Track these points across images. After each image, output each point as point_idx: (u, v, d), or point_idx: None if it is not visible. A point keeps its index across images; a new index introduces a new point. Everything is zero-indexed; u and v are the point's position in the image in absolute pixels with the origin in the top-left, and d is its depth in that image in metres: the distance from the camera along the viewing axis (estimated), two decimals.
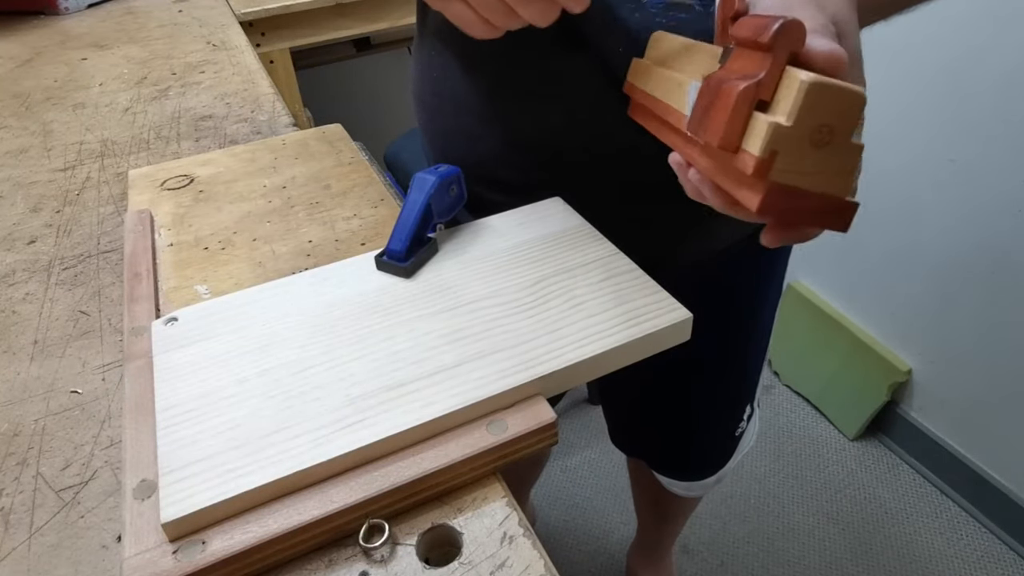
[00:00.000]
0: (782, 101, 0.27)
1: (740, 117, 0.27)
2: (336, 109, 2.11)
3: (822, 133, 0.27)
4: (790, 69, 0.27)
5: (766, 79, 0.27)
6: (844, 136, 0.27)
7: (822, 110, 0.26)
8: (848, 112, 0.26)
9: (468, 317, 0.39)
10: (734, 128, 0.27)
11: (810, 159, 0.27)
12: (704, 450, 0.84)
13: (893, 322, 1.42)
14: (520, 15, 0.36)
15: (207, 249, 0.52)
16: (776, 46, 0.27)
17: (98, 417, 0.40)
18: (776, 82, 0.27)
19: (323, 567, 0.30)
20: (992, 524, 1.33)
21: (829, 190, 0.28)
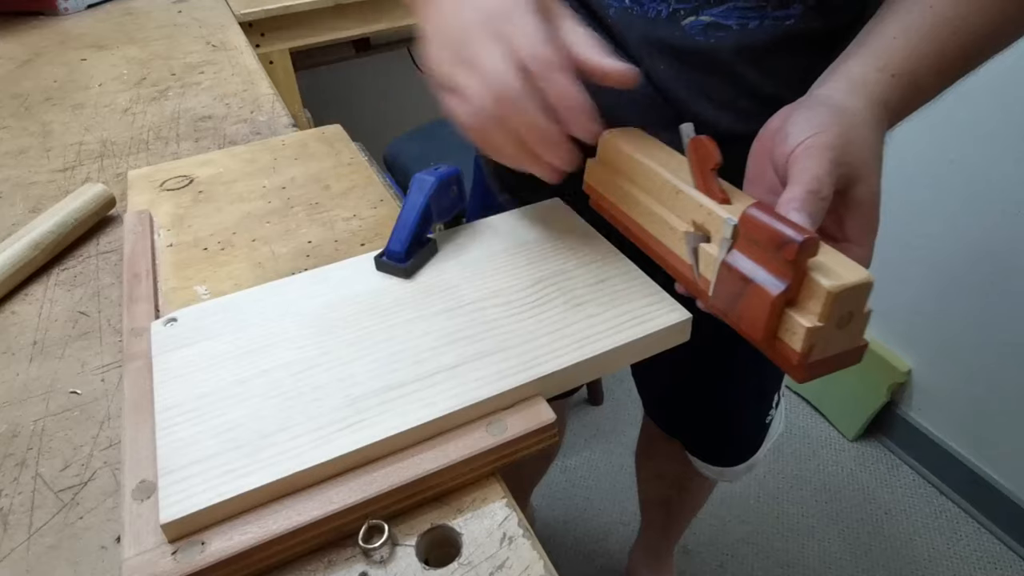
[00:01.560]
0: (809, 302, 0.32)
1: (776, 319, 0.33)
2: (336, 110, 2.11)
3: (844, 318, 0.32)
4: (812, 275, 0.31)
5: (793, 285, 0.32)
6: (861, 310, 0.32)
7: (843, 304, 0.31)
8: (862, 296, 0.32)
9: (468, 318, 0.39)
10: (771, 328, 0.33)
11: (837, 337, 0.33)
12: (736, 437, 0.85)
13: (893, 322, 1.42)
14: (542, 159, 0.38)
15: (206, 250, 0.52)
16: (799, 260, 0.31)
17: (97, 418, 0.40)
18: (800, 284, 0.32)
19: (323, 568, 0.30)
20: (991, 524, 1.33)
21: (849, 347, 0.34)
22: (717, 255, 0.35)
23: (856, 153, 0.37)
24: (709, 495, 1.11)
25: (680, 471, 1.02)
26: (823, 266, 0.32)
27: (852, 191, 0.37)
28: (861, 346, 0.34)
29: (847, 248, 0.37)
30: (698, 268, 0.38)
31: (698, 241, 0.38)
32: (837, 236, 0.38)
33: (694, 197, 0.38)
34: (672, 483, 1.05)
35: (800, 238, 0.30)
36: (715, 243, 0.37)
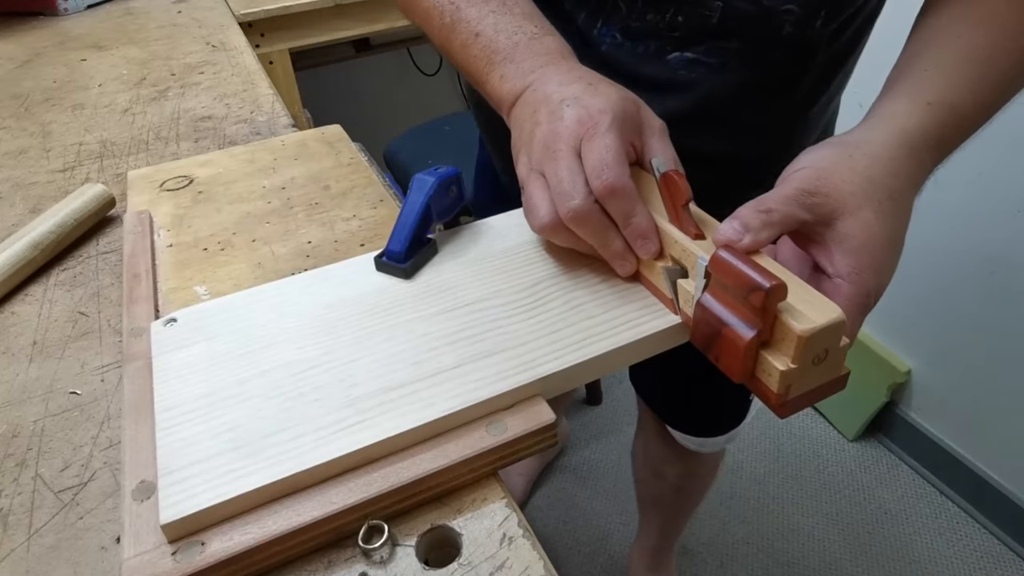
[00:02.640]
0: (782, 343, 0.32)
1: (751, 361, 0.33)
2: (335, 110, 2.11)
3: (820, 355, 0.32)
4: (783, 318, 0.31)
5: (765, 329, 0.32)
6: (836, 346, 0.32)
7: (816, 345, 0.31)
8: (836, 334, 0.32)
9: (468, 318, 0.39)
10: (747, 368, 0.33)
11: (814, 372, 0.33)
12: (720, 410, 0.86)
13: (893, 322, 1.42)
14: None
15: (206, 250, 0.52)
16: (768, 306, 0.31)
17: (97, 418, 0.40)
18: (772, 326, 0.32)
19: (322, 568, 0.30)
20: (991, 524, 1.33)
21: (828, 379, 0.34)
22: (693, 293, 0.36)
23: (839, 185, 0.36)
24: (706, 494, 1.11)
25: (677, 471, 1.03)
26: (793, 308, 0.32)
27: (838, 224, 0.36)
28: (843, 375, 0.34)
29: (837, 285, 0.36)
30: (678, 303, 0.38)
31: (676, 276, 0.38)
32: (828, 271, 0.37)
33: (669, 232, 0.38)
34: (669, 483, 1.06)
35: (767, 284, 0.30)
36: (692, 278, 0.37)
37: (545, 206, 0.38)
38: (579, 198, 0.37)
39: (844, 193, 0.36)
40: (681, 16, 0.50)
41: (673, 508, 1.13)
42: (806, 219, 0.36)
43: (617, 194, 0.37)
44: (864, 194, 0.36)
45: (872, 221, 0.36)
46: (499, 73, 0.44)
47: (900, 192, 0.37)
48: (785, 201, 0.35)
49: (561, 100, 0.39)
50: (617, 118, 0.38)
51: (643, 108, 0.41)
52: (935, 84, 0.40)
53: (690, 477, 1.04)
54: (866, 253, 0.36)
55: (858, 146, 0.38)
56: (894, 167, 0.38)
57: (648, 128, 0.40)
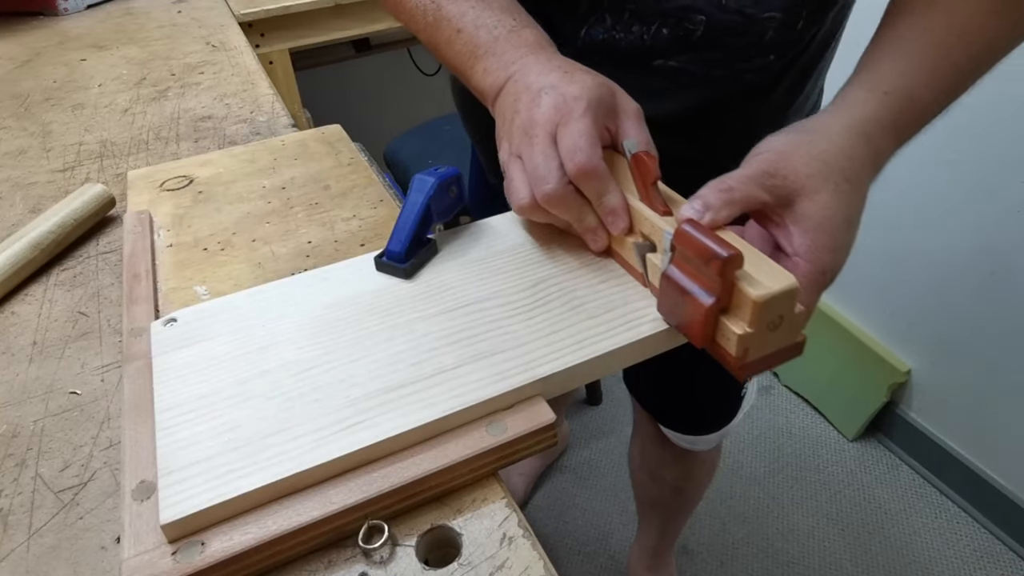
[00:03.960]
0: (740, 310, 0.34)
1: (711, 326, 0.35)
2: (335, 110, 2.11)
3: (775, 321, 0.34)
4: (740, 285, 0.34)
5: (723, 296, 0.34)
6: (791, 312, 0.35)
7: (771, 310, 0.34)
8: (790, 301, 0.34)
9: (468, 319, 0.39)
10: (708, 333, 0.35)
11: (770, 338, 0.35)
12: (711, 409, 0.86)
13: (893, 322, 1.42)
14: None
15: (206, 250, 0.52)
16: (725, 274, 0.33)
17: (97, 418, 0.40)
18: (731, 294, 0.34)
19: (322, 568, 0.30)
20: (991, 524, 1.33)
21: (786, 344, 0.36)
22: (660, 266, 0.37)
23: (797, 168, 0.38)
24: (704, 495, 1.11)
25: (674, 473, 1.03)
26: (751, 276, 0.34)
27: (797, 205, 0.38)
28: (799, 341, 0.37)
29: (795, 263, 0.37)
30: (647, 276, 0.40)
31: (645, 251, 0.40)
32: (787, 250, 0.38)
33: (638, 208, 0.40)
34: (667, 485, 1.06)
35: (725, 254, 0.32)
36: (660, 253, 0.39)
37: (523, 189, 0.41)
38: (552, 182, 0.39)
39: (802, 176, 0.38)
40: (666, 29, 0.51)
41: (671, 509, 1.13)
42: (766, 200, 0.38)
43: (589, 175, 0.39)
44: (821, 176, 0.38)
45: (828, 202, 0.37)
46: (482, 67, 0.46)
47: (856, 175, 0.39)
48: (746, 182, 0.38)
49: (539, 89, 0.41)
50: (591, 104, 0.40)
51: (618, 93, 0.43)
52: (893, 75, 0.42)
53: (687, 479, 1.04)
54: (822, 232, 0.37)
55: (817, 132, 0.40)
56: (850, 152, 0.39)
57: (623, 112, 0.42)
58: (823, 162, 0.38)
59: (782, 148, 0.39)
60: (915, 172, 1.28)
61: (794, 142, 0.39)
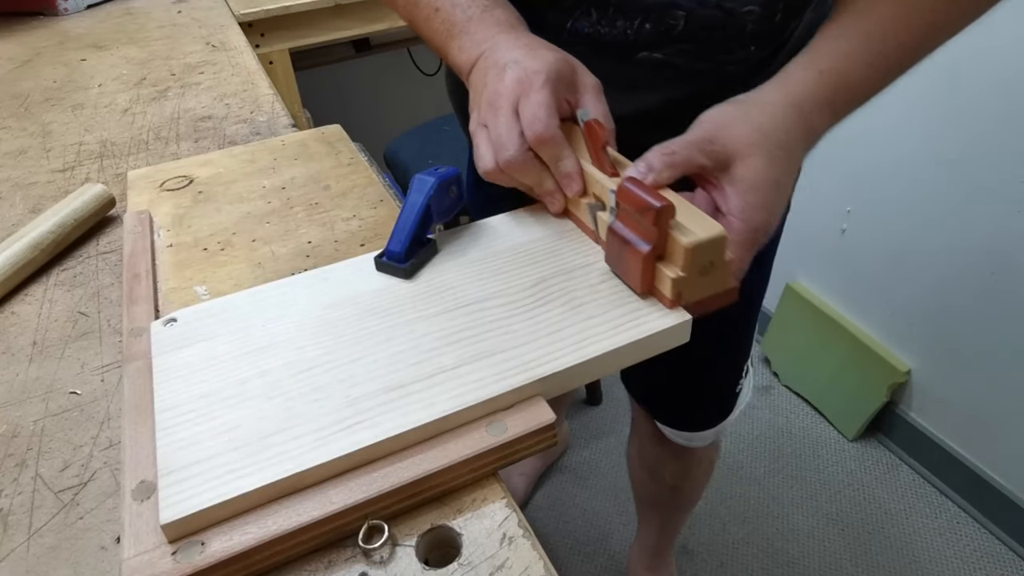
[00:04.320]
0: (674, 255, 0.38)
1: (649, 273, 0.39)
2: (335, 110, 2.11)
3: (706, 267, 0.38)
4: (673, 234, 0.37)
5: (658, 244, 0.38)
6: (720, 259, 0.38)
7: (702, 256, 0.37)
8: (719, 247, 0.38)
9: (468, 318, 0.39)
10: (647, 279, 0.39)
11: (703, 282, 0.39)
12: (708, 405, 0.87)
13: (893, 322, 1.42)
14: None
15: (206, 250, 0.52)
16: (659, 223, 0.37)
17: (97, 418, 0.40)
18: (666, 242, 0.38)
19: (322, 568, 0.30)
20: (991, 524, 1.33)
21: (720, 289, 0.40)
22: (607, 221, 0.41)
23: (735, 135, 0.41)
24: (703, 493, 1.12)
25: (672, 471, 1.03)
26: (682, 226, 0.38)
27: (732, 169, 0.41)
28: (731, 288, 0.40)
29: (730, 222, 0.41)
30: (598, 232, 0.44)
31: (596, 210, 0.44)
32: (723, 209, 0.42)
33: (591, 172, 0.44)
34: (666, 484, 1.06)
35: (658, 204, 0.36)
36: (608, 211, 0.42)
37: (488, 155, 0.44)
38: (513, 148, 0.43)
39: (738, 143, 0.41)
40: (648, 23, 0.53)
41: (670, 508, 1.13)
42: (705, 164, 0.41)
43: (547, 142, 0.43)
44: (756, 144, 0.41)
45: (760, 167, 0.41)
46: (457, 44, 0.50)
47: (788, 145, 0.42)
48: (687, 147, 0.41)
49: (504, 64, 0.45)
50: (551, 77, 0.43)
51: (578, 68, 0.46)
52: (832, 54, 0.45)
53: (686, 477, 1.04)
54: (754, 193, 0.41)
55: (755, 104, 0.44)
56: (784, 124, 0.43)
57: (582, 86, 0.46)
58: (758, 131, 0.42)
59: (722, 118, 0.43)
60: (915, 172, 1.28)
61: (734, 112, 0.43)
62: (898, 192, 1.32)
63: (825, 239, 1.52)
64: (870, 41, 0.45)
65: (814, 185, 1.48)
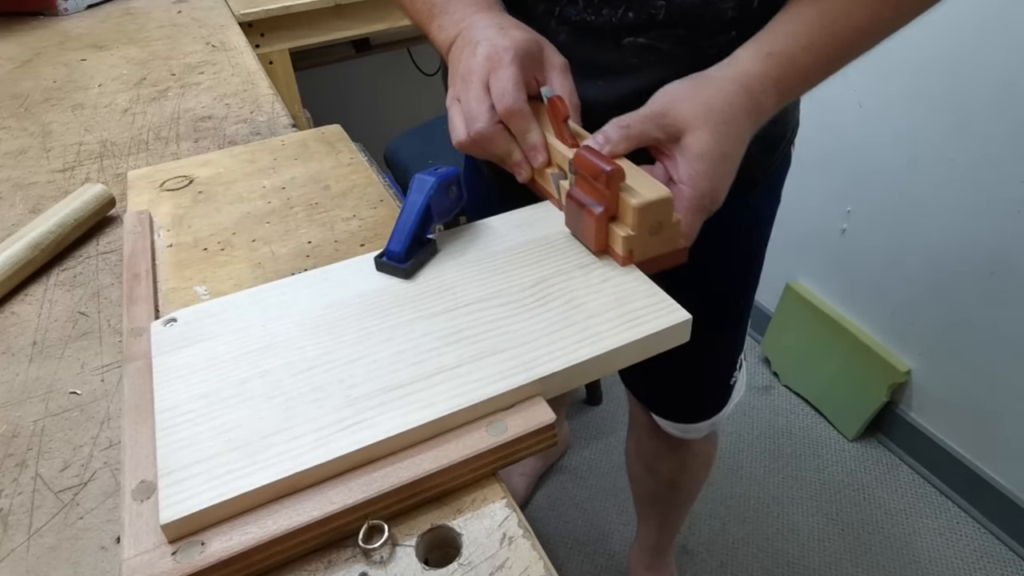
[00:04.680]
0: (625, 216, 0.42)
1: (602, 232, 0.43)
2: (335, 110, 2.11)
3: (655, 226, 0.42)
4: (623, 196, 0.41)
5: (610, 205, 0.42)
6: (668, 220, 0.42)
7: (650, 216, 0.41)
8: (667, 208, 0.41)
9: (468, 318, 0.39)
10: (601, 239, 0.43)
11: (652, 241, 0.42)
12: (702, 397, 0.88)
13: (893, 322, 1.42)
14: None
15: (206, 250, 0.52)
16: (610, 186, 0.40)
17: (97, 418, 0.40)
18: (617, 204, 0.42)
19: (322, 568, 0.30)
20: (991, 524, 1.33)
21: (669, 249, 0.43)
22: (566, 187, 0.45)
23: (685, 110, 0.45)
24: (700, 488, 1.12)
25: (670, 465, 1.03)
26: (632, 189, 0.41)
27: (683, 140, 0.44)
28: (681, 248, 0.44)
29: (680, 189, 0.44)
30: (561, 198, 0.47)
31: (559, 179, 0.47)
32: (675, 178, 0.45)
33: (555, 145, 0.47)
34: (663, 478, 1.07)
35: (608, 168, 0.40)
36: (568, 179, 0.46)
37: (461, 127, 0.48)
38: (483, 121, 0.46)
39: (688, 117, 0.44)
40: (631, 12, 0.54)
41: (669, 504, 1.14)
42: (658, 136, 0.44)
43: (515, 115, 0.46)
44: (705, 117, 0.44)
45: (707, 139, 0.44)
46: (438, 24, 0.53)
47: (734, 119, 0.45)
48: (641, 120, 0.44)
49: (477, 42, 0.48)
50: (519, 54, 0.47)
51: (546, 48, 0.50)
52: (780, 38, 0.48)
53: (683, 471, 1.05)
54: (701, 162, 0.44)
55: (707, 81, 0.47)
56: (732, 100, 0.46)
57: (550, 64, 0.50)
58: (707, 106, 0.45)
59: (675, 93, 0.46)
60: (915, 172, 1.28)
61: (686, 88, 0.46)
62: (898, 192, 1.32)
63: (825, 239, 1.52)
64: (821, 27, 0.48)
65: (814, 185, 1.48)
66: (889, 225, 1.36)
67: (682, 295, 0.43)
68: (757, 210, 0.75)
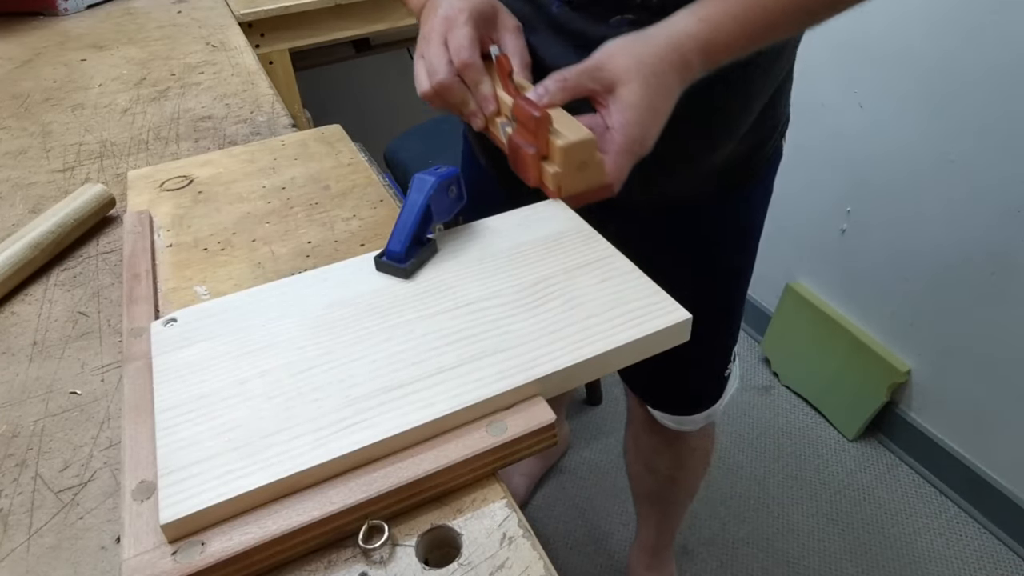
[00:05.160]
0: (554, 155, 0.47)
1: (535, 170, 0.48)
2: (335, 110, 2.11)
3: (581, 164, 0.47)
4: (551, 138, 0.47)
5: (541, 147, 0.47)
6: (592, 159, 0.47)
7: (575, 155, 0.46)
8: (590, 148, 0.47)
9: (467, 318, 0.39)
10: (535, 175, 0.49)
11: (580, 177, 0.48)
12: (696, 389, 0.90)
13: (893, 322, 1.42)
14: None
15: (206, 250, 0.52)
16: (539, 130, 0.46)
17: (97, 418, 0.40)
18: (547, 145, 0.47)
19: (322, 568, 0.30)
20: (991, 524, 1.33)
21: (595, 185, 0.49)
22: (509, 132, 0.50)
23: (619, 63, 0.48)
24: (699, 487, 1.12)
25: (668, 462, 1.04)
26: (559, 132, 0.46)
27: (616, 91, 0.48)
28: (606, 184, 0.49)
29: (612, 134, 0.48)
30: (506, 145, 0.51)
31: (505, 127, 0.51)
32: (608, 125, 0.49)
33: (501, 96, 0.53)
34: (662, 475, 1.07)
35: (537, 114, 0.46)
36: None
37: (424, 80, 0.53)
38: (443, 72, 0.52)
39: (620, 69, 0.48)
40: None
41: (667, 502, 1.14)
42: (594, 88, 0.49)
43: (468, 68, 0.52)
44: (636, 70, 0.48)
45: (637, 90, 0.48)
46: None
47: (663, 74, 0.49)
48: (578, 74, 0.49)
49: (438, 5, 0.54)
50: (472, 15, 0.53)
51: (500, 12, 0.56)
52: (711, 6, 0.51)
53: (680, 468, 1.05)
54: (631, 111, 0.48)
55: (641, 38, 0.50)
56: (662, 55, 0.49)
57: (502, 26, 0.56)
58: (639, 60, 0.48)
59: (610, 49, 0.49)
60: (915, 172, 1.28)
61: (622, 44, 0.49)
62: (898, 192, 1.32)
63: (825, 239, 1.52)
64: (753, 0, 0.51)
65: (814, 185, 1.48)
66: (889, 225, 1.36)
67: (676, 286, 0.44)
68: (750, 201, 0.77)
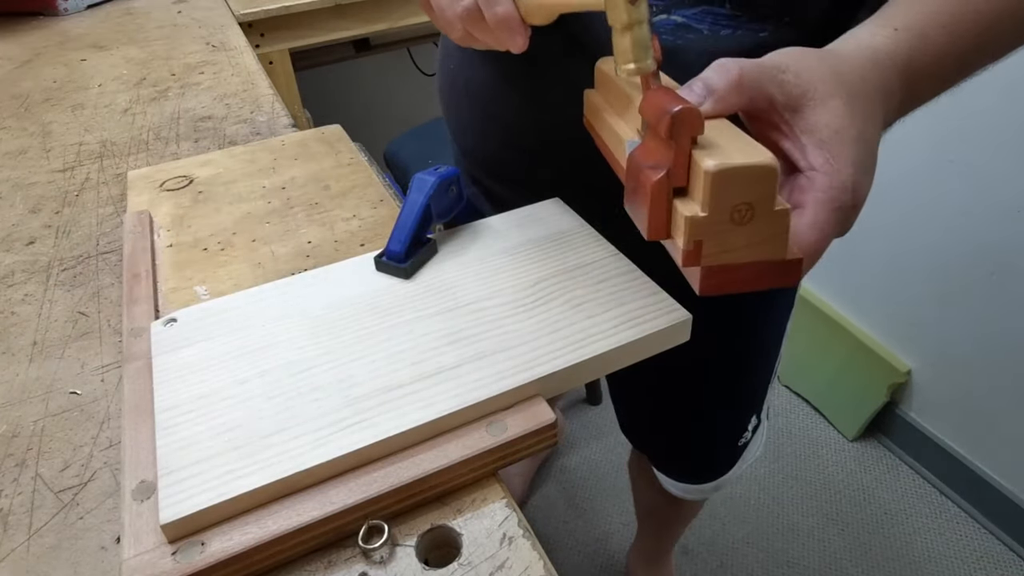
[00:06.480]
0: (696, 188, 0.27)
1: (660, 209, 0.28)
2: (335, 110, 2.11)
3: (742, 211, 0.27)
4: (695, 154, 0.27)
5: (675, 168, 0.27)
6: (766, 206, 0.27)
7: (734, 191, 0.26)
8: (763, 184, 0.26)
9: (467, 318, 0.39)
10: (658, 219, 0.28)
11: (737, 236, 0.27)
12: (704, 454, 0.83)
13: (893, 323, 1.42)
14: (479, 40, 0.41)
15: (206, 250, 0.52)
16: (676, 136, 0.26)
17: (97, 418, 0.40)
18: (687, 167, 0.27)
19: (322, 568, 0.30)
20: (991, 524, 1.33)
21: (764, 257, 0.28)
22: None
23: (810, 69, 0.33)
24: (702, 506, 1.10)
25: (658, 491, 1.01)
26: (715, 146, 0.27)
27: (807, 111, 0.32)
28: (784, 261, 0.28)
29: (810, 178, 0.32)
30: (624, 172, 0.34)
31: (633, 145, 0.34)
32: (801, 164, 0.32)
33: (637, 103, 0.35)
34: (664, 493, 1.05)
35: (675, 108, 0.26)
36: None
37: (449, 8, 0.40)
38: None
39: (815, 79, 0.32)
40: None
41: (670, 519, 1.12)
42: (774, 95, 0.32)
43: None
44: (834, 84, 0.33)
45: (842, 111, 0.32)
46: None
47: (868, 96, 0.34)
48: (756, 68, 0.32)
49: None
50: None
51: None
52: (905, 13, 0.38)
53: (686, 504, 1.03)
54: (839, 143, 0.31)
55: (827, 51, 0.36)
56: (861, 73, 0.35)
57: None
58: (835, 73, 0.33)
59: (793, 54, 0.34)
60: (915, 172, 1.28)
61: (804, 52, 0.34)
62: (898, 193, 1.32)
63: None
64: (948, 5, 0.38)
65: None
66: (890, 226, 1.36)
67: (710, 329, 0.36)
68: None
